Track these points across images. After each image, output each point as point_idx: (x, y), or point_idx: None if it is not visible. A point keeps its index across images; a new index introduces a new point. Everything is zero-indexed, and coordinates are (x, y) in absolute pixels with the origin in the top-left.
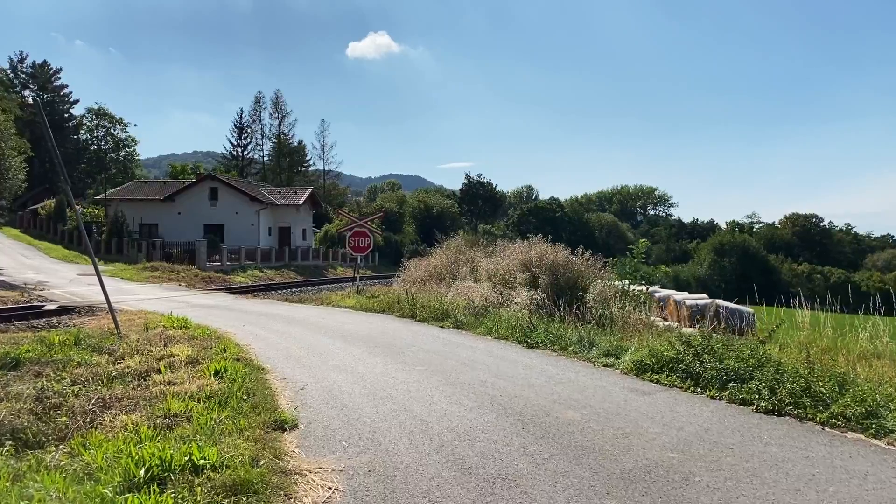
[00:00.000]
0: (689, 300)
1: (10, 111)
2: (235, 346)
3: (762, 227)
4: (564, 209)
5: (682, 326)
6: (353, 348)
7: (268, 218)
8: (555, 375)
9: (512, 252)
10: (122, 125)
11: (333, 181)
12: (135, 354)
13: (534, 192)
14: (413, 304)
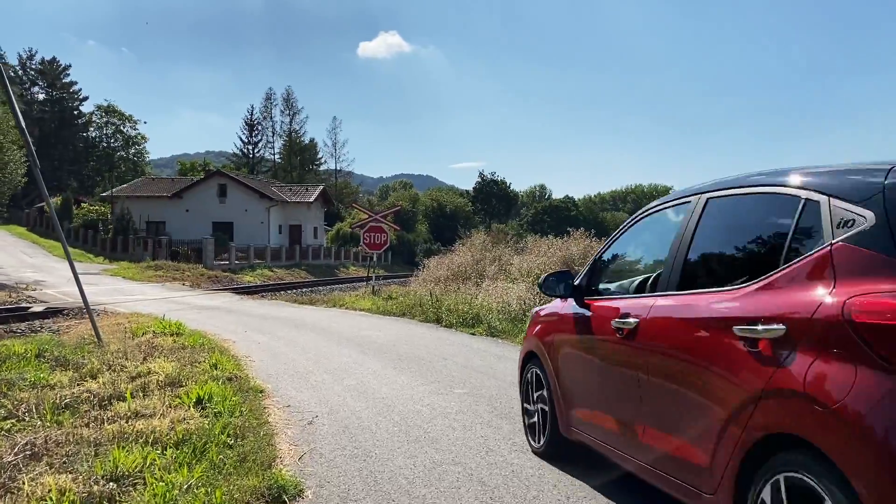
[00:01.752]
0: None
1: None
2: (231, 359)
3: None
4: (579, 208)
5: None
6: (373, 361)
7: (278, 216)
8: None
9: (549, 248)
10: (132, 123)
11: (345, 179)
12: (104, 371)
13: (547, 191)
14: (438, 306)
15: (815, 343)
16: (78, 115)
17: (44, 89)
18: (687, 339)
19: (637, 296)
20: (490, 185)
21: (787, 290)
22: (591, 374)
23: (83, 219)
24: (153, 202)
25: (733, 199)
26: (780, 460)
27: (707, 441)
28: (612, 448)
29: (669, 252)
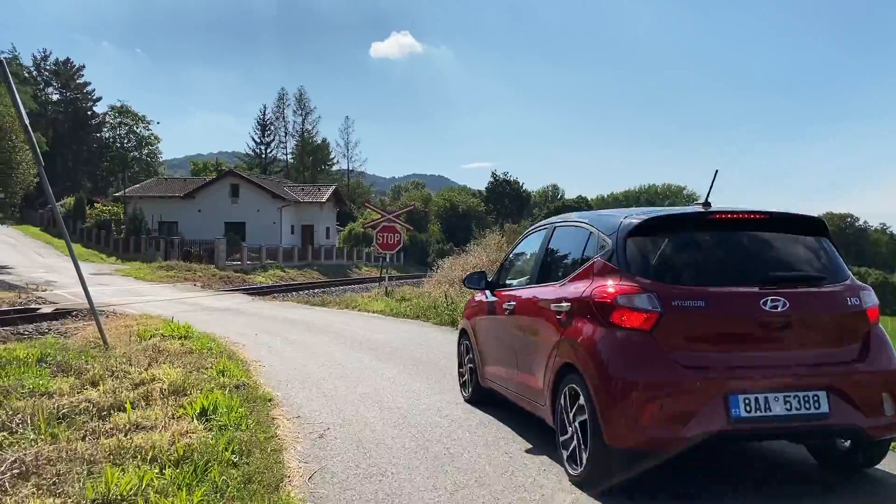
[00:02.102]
0: None
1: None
2: (239, 364)
3: None
4: (592, 208)
5: None
6: (388, 367)
7: (290, 216)
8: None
9: None
10: (145, 123)
11: (357, 179)
12: (107, 378)
13: (559, 191)
14: (453, 309)
15: (581, 313)
16: (91, 116)
17: (58, 90)
18: (533, 313)
19: (517, 287)
20: (503, 184)
21: (574, 284)
22: (494, 341)
23: (96, 219)
24: (166, 202)
25: (564, 228)
26: (567, 379)
27: (540, 373)
28: (504, 388)
29: (534, 259)
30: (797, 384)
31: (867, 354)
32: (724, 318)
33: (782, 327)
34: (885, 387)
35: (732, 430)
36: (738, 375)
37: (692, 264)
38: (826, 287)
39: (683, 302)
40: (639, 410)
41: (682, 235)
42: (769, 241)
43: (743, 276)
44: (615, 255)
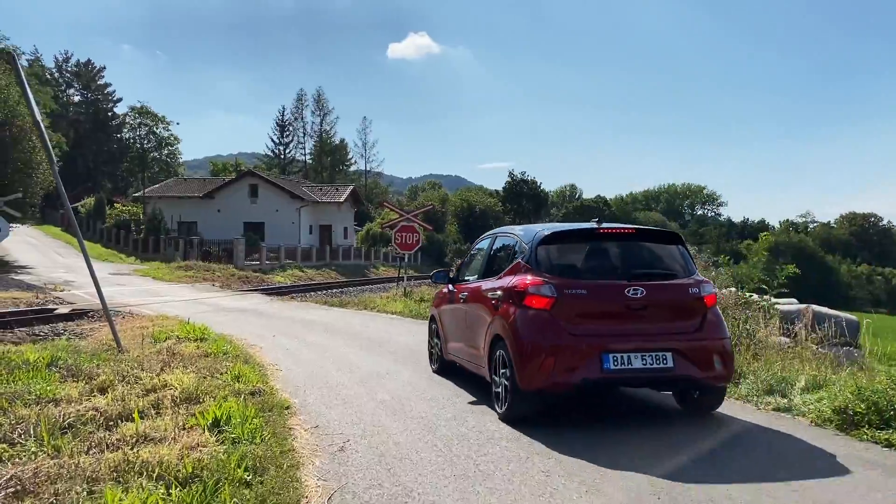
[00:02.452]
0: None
1: (43, 104)
2: (256, 369)
3: (817, 226)
4: (611, 208)
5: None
6: (408, 371)
7: (309, 216)
8: (717, 433)
9: None
10: (165, 123)
11: (375, 180)
12: (117, 384)
13: (577, 191)
14: None
15: (507, 298)
16: (112, 117)
17: (79, 91)
18: (478, 300)
19: (471, 281)
20: (520, 184)
21: (505, 278)
22: (453, 323)
23: (116, 219)
24: (185, 202)
25: (503, 237)
26: (496, 346)
27: (481, 343)
28: (459, 358)
29: (482, 260)
30: (651, 347)
31: (703, 328)
32: (599, 301)
33: (641, 308)
34: (715, 350)
35: (605, 377)
36: (610, 340)
37: (580, 264)
38: (676, 280)
39: (572, 290)
40: (542, 364)
41: (576, 244)
42: (637, 248)
43: (615, 273)
44: (530, 258)
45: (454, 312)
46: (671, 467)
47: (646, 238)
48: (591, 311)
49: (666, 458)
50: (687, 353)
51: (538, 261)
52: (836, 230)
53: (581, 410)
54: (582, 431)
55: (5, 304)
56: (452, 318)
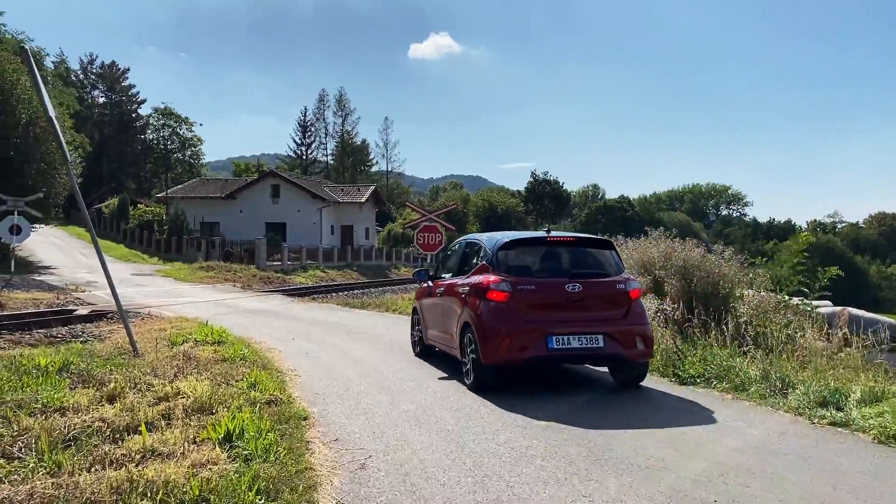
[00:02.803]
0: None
1: (67, 105)
2: (273, 375)
3: (845, 226)
4: (635, 208)
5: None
6: (433, 379)
7: (330, 216)
8: (770, 447)
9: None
10: (188, 124)
11: (396, 180)
12: (128, 391)
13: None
14: None
15: (473, 292)
16: (136, 118)
17: (104, 93)
18: (452, 294)
19: (446, 279)
20: (542, 184)
21: (473, 276)
22: (433, 313)
23: (139, 219)
24: (207, 203)
25: (471, 243)
26: (465, 330)
27: (454, 329)
28: (438, 343)
29: (455, 261)
30: (586, 331)
31: (628, 316)
32: (545, 295)
33: (579, 300)
34: (637, 334)
35: (549, 355)
36: (553, 326)
37: (530, 265)
38: (607, 278)
39: (524, 286)
40: (500, 344)
41: (528, 249)
42: (578, 253)
43: (558, 272)
44: (492, 260)
45: (433, 305)
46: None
47: (585, 244)
48: (539, 302)
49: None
50: (615, 336)
51: (498, 262)
52: (865, 230)
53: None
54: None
55: (26, 305)
56: (431, 310)
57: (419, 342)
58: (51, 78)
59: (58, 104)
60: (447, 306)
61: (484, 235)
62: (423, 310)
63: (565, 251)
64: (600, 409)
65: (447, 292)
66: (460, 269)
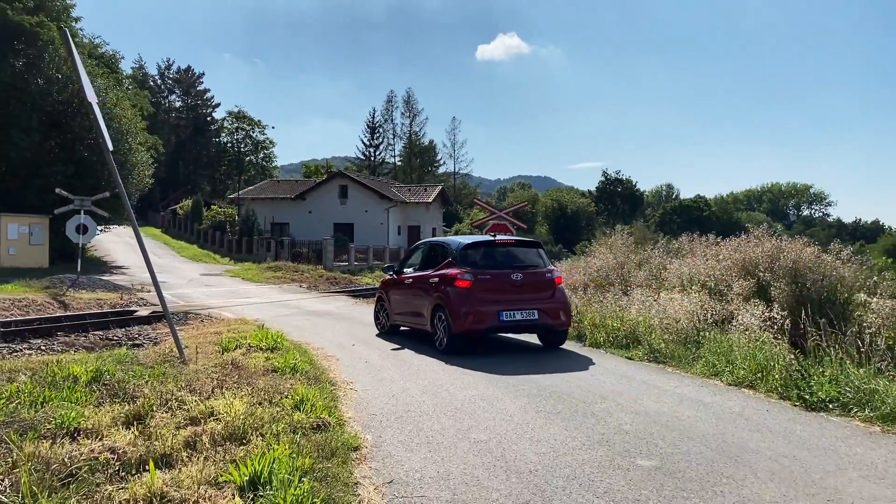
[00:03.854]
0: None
1: (141, 107)
2: (325, 390)
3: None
4: (712, 208)
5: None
6: (508, 400)
7: (397, 216)
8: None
9: (721, 250)
10: (261, 127)
11: (463, 180)
12: (157, 410)
13: (674, 190)
14: (580, 320)
15: (444, 281)
16: (211, 122)
17: (180, 97)
18: (422, 282)
19: (410, 272)
20: (614, 183)
21: (441, 270)
22: (399, 298)
23: (212, 220)
24: (277, 203)
25: (435, 245)
26: (437, 308)
27: (425, 309)
28: (405, 322)
29: (420, 258)
30: (526, 307)
31: (554, 296)
32: (497, 282)
33: (521, 286)
34: (560, 308)
35: (501, 325)
36: (503, 304)
37: (486, 260)
38: (538, 269)
39: (482, 276)
40: (465, 318)
41: (483, 249)
42: (517, 251)
43: (506, 265)
44: (457, 258)
45: (400, 292)
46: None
47: (521, 245)
48: (493, 288)
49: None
50: (545, 311)
51: (462, 259)
52: None
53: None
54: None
55: (89, 305)
56: (399, 296)
57: (384, 323)
58: (126, 81)
59: (131, 106)
60: (417, 293)
61: (446, 239)
62: (390, 296)
63: (509, 250)
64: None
65: (417, 282)
66: (425, 265)
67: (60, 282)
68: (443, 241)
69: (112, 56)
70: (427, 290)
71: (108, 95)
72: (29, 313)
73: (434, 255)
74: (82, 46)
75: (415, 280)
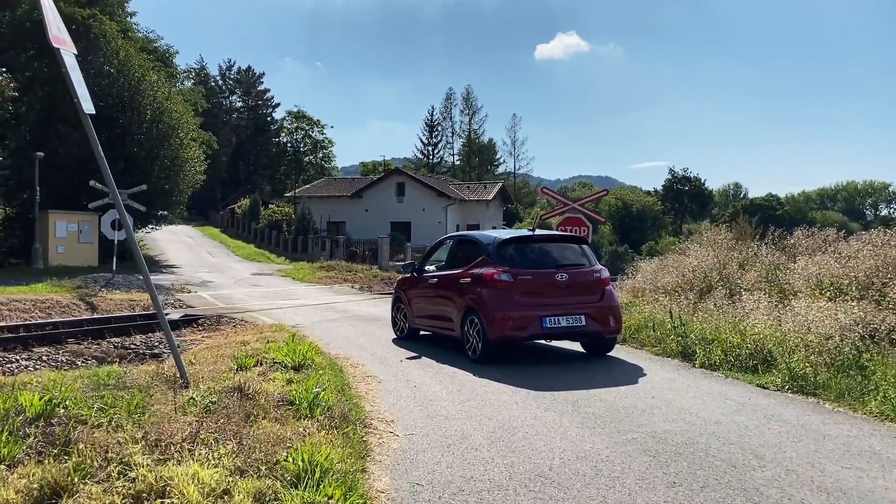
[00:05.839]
0: None
1: (194, 102)
2: (349, 443)
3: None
4: (785, 207)
5: None
6: (616, 459)
7: (456, 214)
8: None
9: (862, 246)
10: (320, 127)
11: (523, 180)
12: (88, 476)
13: (742, 189)
14: (683, 332)
15: (477, 282)
16: (271, 122)
17: (240, 97)
18: (449, 283)
19: (433, 271)
20: (682, 181)
21: (473, 269)
22: (421, 300)
23: (268, 219)
24: (334, 202)
25: (464, 240)
26: (469, 313)
27: (454, 313)
28: (427, 326)
29: (446, 256)
30: (572, 312)
31: (603, 298)
32: (539, 283)
33: (566, 286)
34: (609, 313)
35: (544, 332)
36: (546, 309)
37: (525, 258)
38: (585, 268)
39: (522, 276)
40: (503, 324)
41: (522, 245)
42: (560, 247)
43: (548, 263)
44: (492, 255)
45: (422, 294)
46: None
47: (564, 241)
48: (534, 290)
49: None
50: (594, 316)
51: (498, 257)
52: None
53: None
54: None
55: (120, 307)
56: (420, 298)
57: (405, 327)
58: (182, 76)
59: (183, 101)
60: (443, 294)
61: (478, 233)
62: (410, 298)
63: (551, 246)
64: None
65: (443, 283)
66: (452, 263)
67: (94, 281)
68: (474, 235)
69: (166, 51)
70: (457, 291)
71: (159, 89)
72: (52, 315)
73: (463, 252)
74: (136, 40)
75: (440, 280)
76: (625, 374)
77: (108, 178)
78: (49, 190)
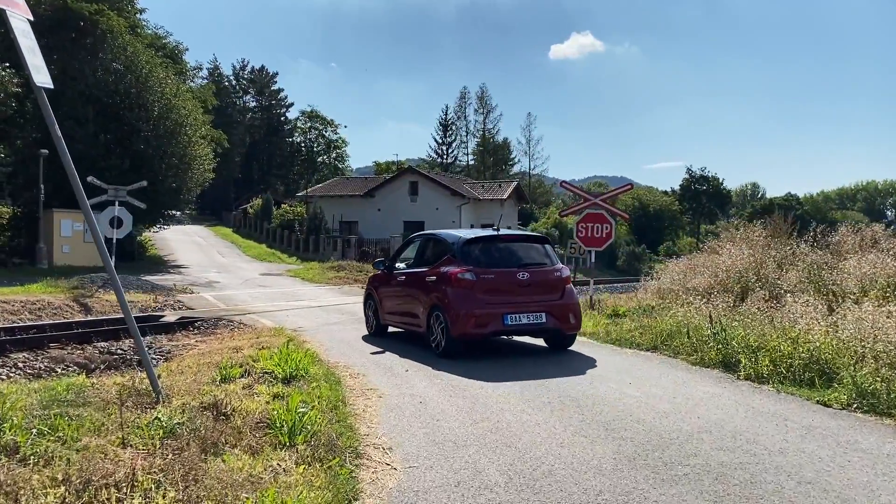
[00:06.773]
0: None
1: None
2: (334, 484)
3: None
4: (804, 207)
5: None
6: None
7: (470, 214)
8: None
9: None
10: (333, 127)
11: (539, 180)
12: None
13: (759, 189)
14: (725, 339)
15: (442, 280)
16: (284, 122)
17: (254, 97)
18: (417, 280)
19: (403, 269)
20: (699, 181)
21: (438, 267)
22: (392, 297)
23: (281, 219)
24: (346, 201)
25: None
26: (434, 310)
27: (420, 309)
28: (396, 322)
29: (414, 254)
30: (533, 310)
31: (563, 297)
32: (501, 282)
33: (527, 285)
34: (569, 310)
35: (505, 329)
36: (508, 307)
37: (489, 257)
38: (546, 267)
39: (484, 275)
40: (466, 321)
41: (485, 245)
42: (523, 247)
43: (511, 263)
44: (457, 254)
45: (392, 291)
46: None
47: (527, 241)
48: (497, 288)
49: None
50: (554, 313)
51: (462, 256)
52: None
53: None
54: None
55: (116, 308)
56: (390, 295)
57: (375, 323)
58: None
59: (192, 97)
60: (411, 292)
61: (444, 232)
62: (381, 295)
63: (514, 246)
64: None
65: (411, 280)
66: (420, 261)
67: (91, 281)
68: (440, 234)
69: (175, 47)
70: (423, 288)
71: (167, 87)
72: (42, 317)
73: (430, 251)
74: (144, 37)
75: (409, 277)
76: (662, 388)
77: (68, 163)
78: (54, 188)
